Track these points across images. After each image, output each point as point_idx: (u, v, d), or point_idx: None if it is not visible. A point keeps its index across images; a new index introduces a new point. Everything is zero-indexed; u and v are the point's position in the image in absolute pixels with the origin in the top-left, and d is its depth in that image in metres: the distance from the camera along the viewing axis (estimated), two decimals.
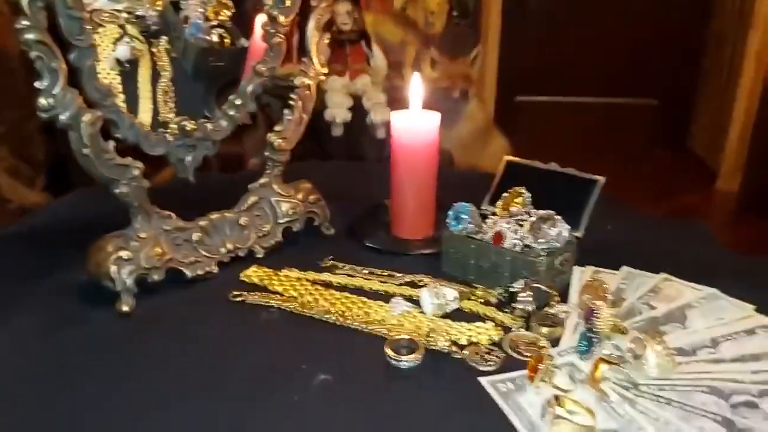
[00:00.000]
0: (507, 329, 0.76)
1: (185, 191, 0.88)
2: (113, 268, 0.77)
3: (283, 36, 0.89)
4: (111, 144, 0.76)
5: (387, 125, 2.42)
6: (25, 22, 0.66)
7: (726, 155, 3.12)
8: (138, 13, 0.94)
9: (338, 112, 2.34)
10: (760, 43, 2.93)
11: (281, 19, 0.88)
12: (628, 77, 3.51)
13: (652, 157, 3.49)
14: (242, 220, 0.90)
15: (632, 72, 3.50)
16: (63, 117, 0.70)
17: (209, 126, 0.88)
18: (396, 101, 2.35)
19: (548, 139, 3.52)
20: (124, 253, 0.78)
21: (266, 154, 0.92)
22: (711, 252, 0.97)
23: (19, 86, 2.17)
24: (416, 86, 0.93)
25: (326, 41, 0.93)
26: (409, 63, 2.51)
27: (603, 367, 0.66)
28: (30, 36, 0.66)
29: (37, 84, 0.68)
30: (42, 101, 0.69)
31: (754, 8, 2.92)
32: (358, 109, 2.35)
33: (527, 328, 0.75)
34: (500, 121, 3.22)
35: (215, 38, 0.96)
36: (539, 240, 0.80)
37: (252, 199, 0.92)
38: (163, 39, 0.95)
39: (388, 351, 0.69)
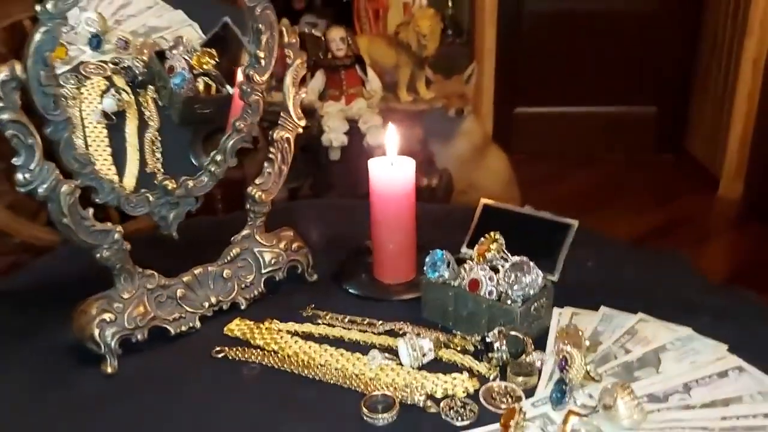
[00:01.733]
0: (483, 379, 0.77)
1: (171, 239, 0.90)
2: (97, 332, 0.79)
3: (260, 93, 0.91)
4: (90, 211, 0.78)
5: (384, 146, 2.45)
6: None
7: (727, 162, 3.10)
8: (124, 64, 0.96)
9: (335, 136, 2.36)
10: (756, 48, 2.92)
11: (257, 78, 0.89)
12: (625, 85, 3.51)
13: (653, 163, 3.49)
14: (225, 273, 0.92)
15: (630, 80, 3.50)
16: (41, 190, 0.73)
17: (190, 183, 0.90)
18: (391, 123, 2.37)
19: (549, 149, 3.54)
20: (107, 316, 0.80)
21: (247, 206, 0.94)
22: (691, 284, 0.98)
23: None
24: (392, 135, 0.95)
25: (303, 94, 0.95)
26: (403, 85, 2.52)
27: (573, 420, 0.67)
28: (4, 116, 0.68)
29: (14, 160, 0.71)
30: (19, 176, 0.71)
31: (749, 14, 2.91)
32: (355, 132, 2.37)
33: (503, 378, 0.77)
34: (499, 134, 3.24)
35: (201, 86, 0.98)
36: (514, 287, 0.82)
37: (235, 250, 0.93)
38: (150, 89, 0.97)
39: (364, 409, 0.71)
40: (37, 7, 0.69)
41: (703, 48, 3.35)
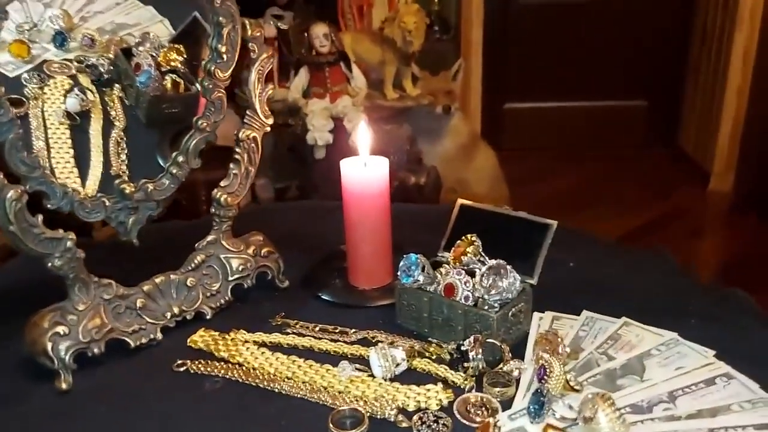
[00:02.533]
0: (459, 390, 0.73)
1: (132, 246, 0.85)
2: (49, 346, 0.74)
3: (223, 90, 0.87)
4: (40, 218, 0.73)
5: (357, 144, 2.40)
6: None
7: (717, 155, 3.08)
8: (89, 62, 0.92)
9: (320, 134, 2.32)
10: (746, 42, 2.89)
11: (219, 74, 0.85)
12: (616, 79, 3.48)
13: (644, 157, 3.46)
14: (189, 281, 0.87)
15: (620, 74, 3.47)
16: None
17: (150, 186, 0.85)
18: (375, 121, 2.33)
19: (540, 145, 3.51)
20: (60, 329, 0.75)
21: (212, 210, 0.90)
22: (677, 285, 0.94)
23: None
24: (363, 133, 0.91)
25: (269, 90, 0.90)
26: (389, 82, 2.48)
27: None
28: None
29: None
30: None
31: (739, 7, 2.88)
32: (340, 131, 2.33)
33: (480, 388, 0.73)
34: (488, 131, 3.20)
35: (168, 84, 0.94)
36: (491, 292, 0.78)
37: (199, 257, 0.89)
38: (116, 87, 0.93)
39: (331, 426, 0.67)
40: None
41: (694, 41, 3.32)
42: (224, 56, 0.85)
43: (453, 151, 2.65)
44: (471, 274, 0.81)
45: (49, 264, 0.75)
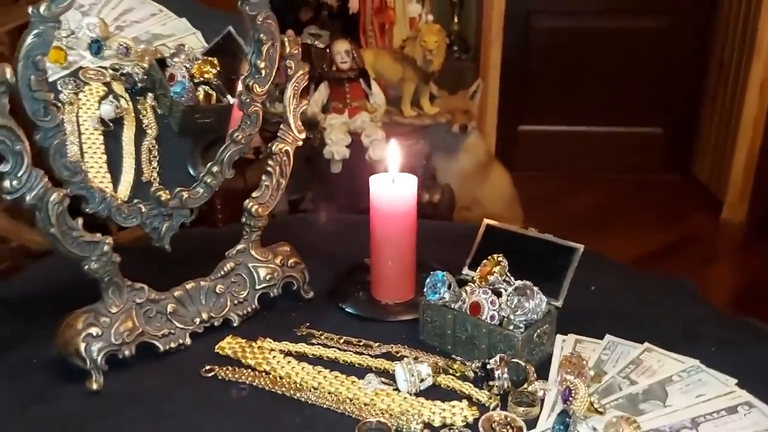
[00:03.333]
0: (483, 408, 0.74)
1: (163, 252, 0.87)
2: (83, 347, 0.76)
3: (259, 104, 0.89)
4: (79, 221, 0.75)
5: (385, 161, 2.42)
6: None
7: (731, 184, 3.08)
8: (124, 70, 0.94)
9: (337, 149, 2.34)
10: (763, 72, 2.90)
11: (257, 89, 0.87)
12: (631, 106, 3.48)
13: (657, 184, 3.46)
14: (218, 288, 0.89)
15: (636, 100, 3.47)
16: (28, 198, 0.70)
17: (185, 194, 0.87)
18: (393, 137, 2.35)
19: (553, 167, 3.52)
20: (93, 330, 0.77)
21: (243, 220, 0.92)
22: (697, 313, 0.94)
23: (21, 126, 2.18)
24: (393, 151, 0.92)
25: (303, 106, 0.92)
26: (407, 99, 2.50)
27: None
28: None
29: (1, 167, 0.68)
30: (6, 184, 0.69)
31: (757, 37, 2.90)
32: (357, 146, 2.35)
33: (504, 407, 0.74)
34: (503, 151, 3.22)
35: (201, 95, 0.96)
36: (516, 312, 0.79)
37: (229, 265, 0.90)
38: (150, 96, 0.95)
39: None
40: (30, 9, 0.66)
41: (711, 70, 3.33)
42: (263, 72, 0.87)
43: (468, 169, 2.66)
44: (496, 293, 0.82)
45: (86, 267, 0.77)
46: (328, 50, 2.37)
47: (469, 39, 3.18)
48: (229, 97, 1.00)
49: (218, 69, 0.97)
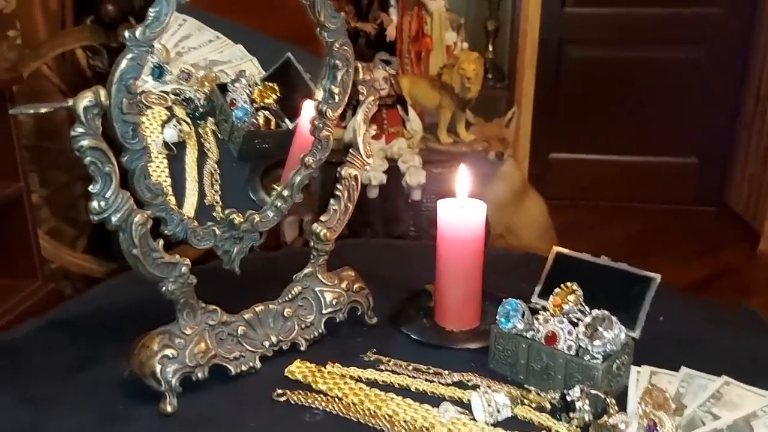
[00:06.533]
0: None
1: (220, 274, 0.87)
2: (158, 368, 0.76)
3: (331, 129, 0.89)
4: (160, 242, 0.76)
5: (422, 187, 2.43)
6: (80, 129, 0.67)
7: None
8: (185, 95, 0.96)
9: (374, 174, 2.35)
10: None
11: (330, 114, 0.88)
12: (666, 135, 3.46)
13: (692, 215, 3.43)
14: (286, 312, 0.88)
15: (670, 130, 3.45)
16: (114, 219, 0.70)
17: (256, 218, 0.87)
18: (430, 164, 2.36)
19: (585, 196, 3.50)
20: (169, 352, 0.77)
21: (311, 243, 0.92)
22: (763, 341, 0.92)
23: (66, 149, 2.22)
24: (463, 176, 0.92)
25: (372, 132, 0.93)
26: (444, 126, 2.51)
27: None
28: (84, 143, 0.67)
29: (90, 188, 0.69)
30: (94, 205, 0.69)
31: None
32: (394, 172, 2.36)
33: None
34: (535, 179, 3.21)
35: (261, 120, 0.97)
36: (595, 342, 0.77)
37: (296, 289, 0.90)
38: (210, 121, 0.96)
39: None
40: (126, 33, 0.68)
41: (748, 99, 3.31)
42: (336, 97, 0.87)
43: (504, 196, 2.66)
44: (571, 323, 0.81)
45: (164, 288, 0.77)
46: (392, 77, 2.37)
47: (503, 67, 3.20)
48: (287, 121, 1.01)
49: (278, 95, 0.98)
